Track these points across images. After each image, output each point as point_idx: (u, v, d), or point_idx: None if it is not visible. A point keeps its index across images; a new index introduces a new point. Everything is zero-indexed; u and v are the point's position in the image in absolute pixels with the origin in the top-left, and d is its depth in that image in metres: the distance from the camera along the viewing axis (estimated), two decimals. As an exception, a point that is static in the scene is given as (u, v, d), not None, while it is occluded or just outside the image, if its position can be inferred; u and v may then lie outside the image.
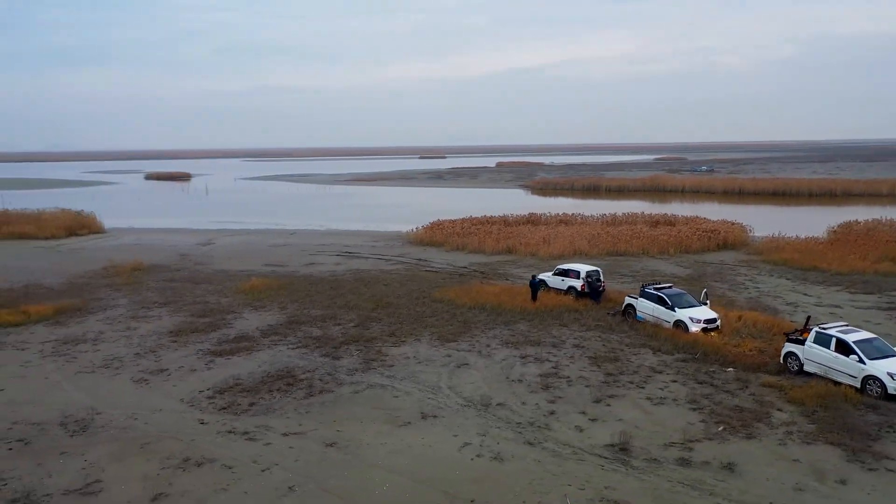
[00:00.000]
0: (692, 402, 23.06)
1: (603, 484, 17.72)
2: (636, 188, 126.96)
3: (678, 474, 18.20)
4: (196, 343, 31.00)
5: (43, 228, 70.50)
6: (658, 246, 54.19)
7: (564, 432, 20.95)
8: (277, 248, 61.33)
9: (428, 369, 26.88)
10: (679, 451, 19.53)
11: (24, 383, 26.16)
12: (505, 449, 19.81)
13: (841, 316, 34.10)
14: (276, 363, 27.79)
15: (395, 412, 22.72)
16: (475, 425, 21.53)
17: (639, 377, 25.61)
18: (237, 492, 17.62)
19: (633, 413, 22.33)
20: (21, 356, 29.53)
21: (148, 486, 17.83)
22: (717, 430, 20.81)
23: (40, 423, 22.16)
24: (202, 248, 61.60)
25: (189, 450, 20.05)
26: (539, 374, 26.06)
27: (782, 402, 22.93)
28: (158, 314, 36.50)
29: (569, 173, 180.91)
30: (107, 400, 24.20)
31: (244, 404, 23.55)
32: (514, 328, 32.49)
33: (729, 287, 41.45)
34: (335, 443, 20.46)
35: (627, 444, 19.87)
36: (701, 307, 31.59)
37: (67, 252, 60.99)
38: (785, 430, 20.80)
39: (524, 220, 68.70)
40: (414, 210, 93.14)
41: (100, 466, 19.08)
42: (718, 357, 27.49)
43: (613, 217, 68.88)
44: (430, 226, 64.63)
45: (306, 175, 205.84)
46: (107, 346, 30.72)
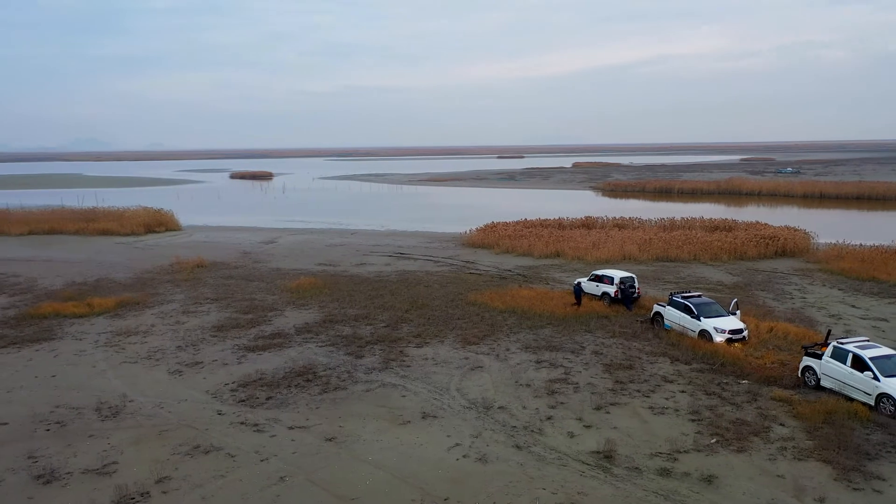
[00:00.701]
0: (693, 413, 23.04)
1: (577, 490, 18.17)
2: (710, 191, 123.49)
3: (655, 484, 18.42)
4: (235, 338, 32.94)
5: (125, 225, 75.34)
6: (710, 252, 53.06)
7: (555, 437, 21.42)
8: (334, 247, 63.46)
9: (442, 371, 27.76)
10: (663, 461, 19.69)
11: (74, 370, 28.63)
12: (492, 451, 20.48)
13: (884, 330, 32.91)
14: (301, 360, 29.30)
15: (399, 411, 23.72)
16: (471, 427, 22.27)
17: (647, 386, 25.68)
18: (233, 479, 19.04)
19: (629, 422, 22.53)
20: (77, 345, 32.20)
21: (155, 470, 19.48)
22: (710, 443, 20.81)
23: (78, 408, 24.35)
24: (264, 247, 64.45)
25: (201, 438, 21.69)
26: (548, 380, 26.51)
27: (787, 417, 22.60)
28: (207, 309, 38.82)
29: (645, 175, 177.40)
30: (141, 389, 26.24)
31: (262, 398, 25.10)
32: (538, 333, 32.93)
33: (774, 296, 40.37)
34: (334, 437, 21.65)
35: (612, 452, 20.17)
36: (728, 317, 31.14)
37: (142, 248, 65.06)
38: (780, 445, 20.59)
39: (579, 223, 68.41)
40: (477, 211, 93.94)
41: (119, 449, 20.93)
42: (736, 368, 27.19)
43: (671, 221, 67.63)
44: (484, 228, 65.32)
45: (382, 175, 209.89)
46: (154, 339, 33.06)
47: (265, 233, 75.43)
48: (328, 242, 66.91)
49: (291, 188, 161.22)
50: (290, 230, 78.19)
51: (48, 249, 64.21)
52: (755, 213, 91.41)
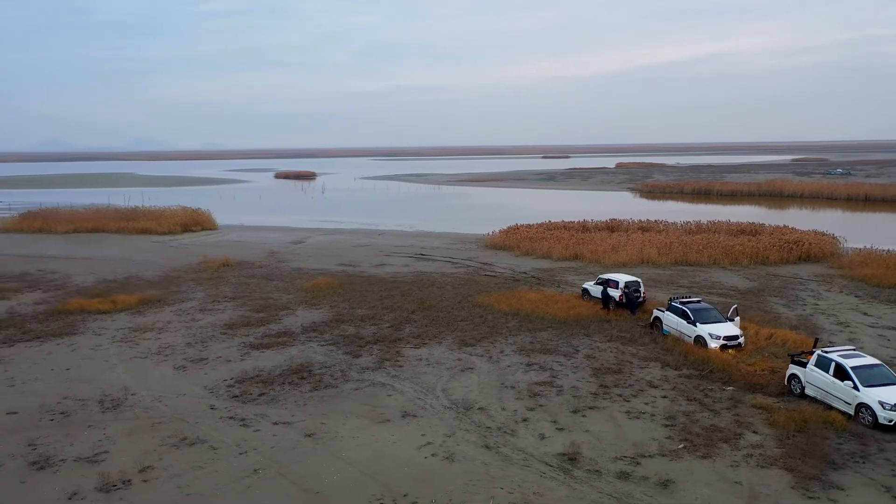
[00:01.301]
0: (669, 419, 23.27)
1: (533, 490, 18.70)
2: (750, 193, 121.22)
3: (611, 487, 18.83)
4: (243, 336, 34.26)
5: (162, 224, 78.11)
6: (731, 257, 52.51)
7: (526, 439, 21.95)
8: (359, 248, 64.71)
9: (433, 371, 28.49)
10: (625, 465, 20.05)
11: (88, 364, 30.28)
12: (461, 451, 21.14)
13: (889, 339, 32.39)
14: (300, 358, 30.39)
15: (381, 410, 24.55)
16: (447, 427, 22.95)
17: (631, 391, 25.95)
18: (210, 470, 20.13)
19: (603, 425, 22.90)
20: (95, 340, 33.96)
21: (141, 459, 20.72)
22: (676, 448, 21.06)
23: (84, 400, 25.86)
24: (292, 247, 66.13)
25: (189, 431, 22.89)
26: (534, 382, 26.99)
27: (762, 425, 22.66)
28: (223, 308, 40.33)
29: (688, 175, 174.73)
30: (145, 383, 27.66)
31: (255, 394, 26.22)
32: (537, 336, 33.37)
33: (785, 302, 39.91)
34: (314, 433, 22.59)
35: (577, 455, 20.61)
36: (724, 323, 31.09)
37: (176, 247, 67.45)
38: (747, 452, 20.72)
39: (603, 226, 68.22)
40: (510, 212, 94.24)
41: (113, 440, 22.26)
42: (724, 375, 27.26)
43: (697, 225, 66.91)
44: (507, 230, 65.80)
45: (423, 175, 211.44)
46: (167, 336, 34.61)
47: (296, 233, 77.26)
48: (355, 243, 68.23)
49: (331, 188, 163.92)
50: (320, 230, 79.90)
51: (88, 247, 67.14)
52: (792, 217, 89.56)
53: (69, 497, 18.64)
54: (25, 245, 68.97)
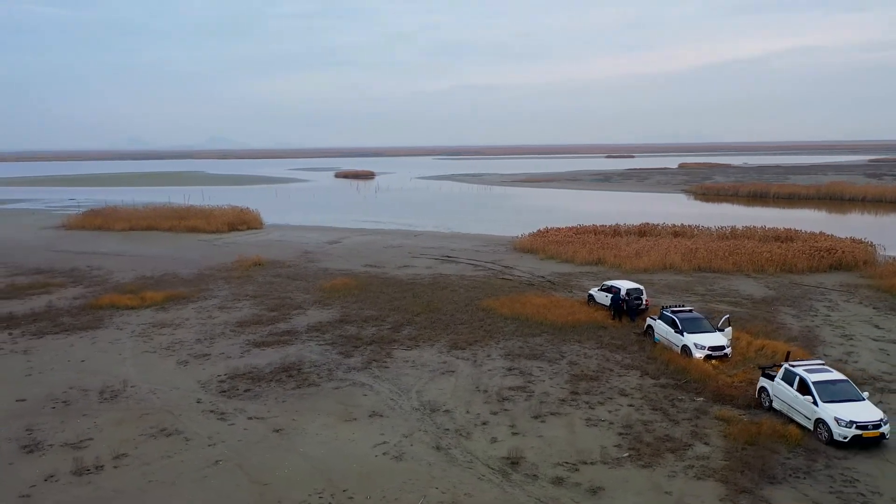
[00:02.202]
0: (626, 427, 23.63)
1: (465, 491, 19.54)
2: (808, 196, 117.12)
3: (542, 491, 19.48)
4: (250, 334, 36.08)
5: (211, 223, 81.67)
6: (757, 264, 51.52)
7: (478, 442, 22.75)
8: (391, 249, 66.21)
9: (414, 373, 29.53)
10: (564, 470, 20.64)
11: (102, 357, 32.62)
12: (412, 450, 22.13)
13: (889, 353, 31.57)
14: (294, 357, 31.92)
15: (353, 409, 25.76)
16: (408, 427, 23.97)
17: (600, 398, 26.37)
18: (177, 460, 21.75)
19: (558, 431, 23.47)
20: (115, 334, 36.41)
21: (118, 447, 22.53)
22: (621, 456, 21.48)
23: (87, 390, 28.04)
24: (326, 247, 68.22)
25: (170, 422, 24.64)
26: (507, 387, 27.70)
27: (717, 436, 22.80)
28: (241, 306, 42.38)
29: (750, 177, 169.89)
30: (146, 376, 29.70)
31: (241, 389, 27.85)
32: (529, 340, 33.96)
33: (796, 313, 39.15)
34: (282, 429, 23.98)
35: (520, 459, 21.31)
36: (712, 334, 31.00)
37: (220, 246, 70.53)
38: (690, 463, 20.97)
39: (636, 230, 67.65)
40: (554, 214, 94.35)
41: (100, 428, 24.21)
42: (699, 385, 27.33)
43: (732, 230, 65.59)
44: (537, 233, 66.16)
45: (479, 175, 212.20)
46: (181, 332, 36.77)
47: (335, 233, 79.45)
48: (388, 244, 69.78)
49: (386, 188, 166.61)
50: (359, 230, 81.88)
51: (138, 245, 70.98)
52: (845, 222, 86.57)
53: (45, 479, 20.55)
54: (84, 242, 73.42)
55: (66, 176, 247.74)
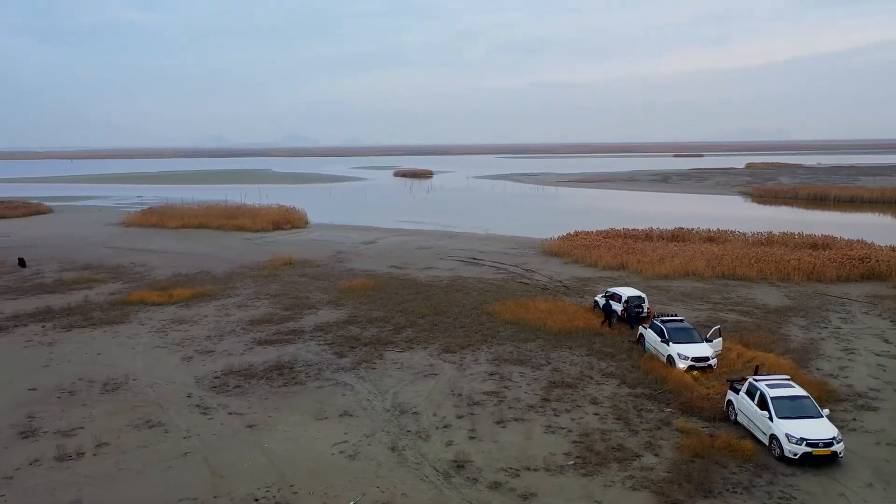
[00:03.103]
0: (582, 436, 24.03)
1: (403, 491, 20.45)
2: (872, 199, 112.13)
3: (477, 494, 20.20)
4: (258, 332, 37.83)
5: (257, 222, 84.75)
6: (783, 272, 50.29)
7: (434, 444, 23.59)
8: (422, 250, 67.35)
9: (398, 375, 30.55)
10: (505, 475, 21.27)
11: (116, 350, 34.93)
12: (367, 450, 23.16)
13: (886, 369, 30.68)
14: (290, 356, 33.41)
15: (327, 408, 26.97)
16: (372, 428, 25.00)
17: (569, 405, 26.77)
18: (151, 450, 23.43)
19: (514, 437, 24.07)
20: (136, 329, 38.80)
21: (102, 436, 24.39)
22: (566, 464, 21.94)
23: (93, 381, 30.21)
24: (360, 247, 69.96)
25: (157, 414, 26.43)
26: (482, 391, 28.39)
27: (670, 448, 22.95)
28: (259, 305, 44.30)
29: (814, 179, 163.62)
30: (149, 370, 31.73)
31: (230, 386, 29.48)
32: (521, 346, 34.48)
33: (806, 324, 38.25)
34: (255, 425, 25.40)
35: (466, 463, 22.05)
36: (698, 344, 30.84)
37: (260, 244, 73.24)
38: (632, 473, 21.27)
39: (668, 234, 66.72)
40: (598, 216, 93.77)
41: (93, 418, 26.19)
42: (674, 396, 27.37)
43: (768, 236, 63.89)
44: (566, 236, 66.16)
45: (535, 174, 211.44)
46: (196, 329, 38.86)
47: (374, 233, 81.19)
48: (421, 245, 70.97)
49: (439, 187, 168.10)
50: (397, 231, 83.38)
51: (185, 243, 74.44)
52: None
53: (30, 463, 22.54)
54: (137, 239, 77.53)
55: (143, 173, 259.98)
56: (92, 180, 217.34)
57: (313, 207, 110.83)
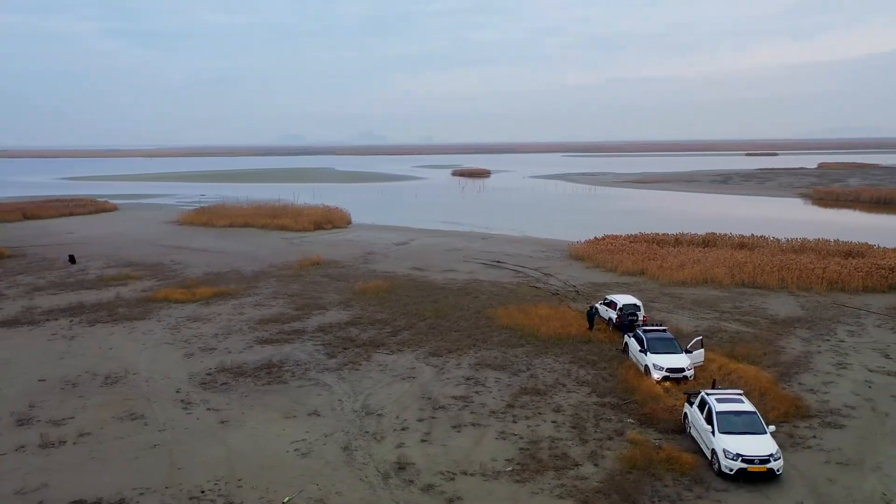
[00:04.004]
0: (531, 443, 24.52)
1: (338, 490, 21.50)
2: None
3: (408, 496, 21.06)
4: (263, 331, 39.55)
5: (298, 222, 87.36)
6: (805, 281, 48.90)
7: (385, 446, 24.53)
8: (450, 252, 68.21)
9: (377, 377, 31.61)
10: (441, 479, 22.04)
11: (128, 346, 37.26)
12: (320, 449, 24.31)
13: (872, 386, 29.86)
14: (283, 355, 34.93)
15: (300, 407, 28.28)
16: (333, 428, 26.15)
17: (531, 412, 27.26)
18: (126, 441, 25.21)
19: (464, 442, 24.77)
20: (152, 326, 41.17)
21: (87, 426, 26.38)
22: (504, 470, 22.54)
23: (97, 375, 32.46)
24: (392, 247, 71.39)
25: (142, 408, 28.31)
26: (452, 396, 29.16)
27: (612, 459, 23.20)
28: (273, 304, 46.16)
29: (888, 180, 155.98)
30: (150, 365, 33.79)
31: (218, 383, 31.16)
32: (508, 352, 35.02)
33: (808, 336, 37.31)
34: (227, 421, 26.92)
35: (407, 465, 22.93)
36: (676, 355, 30.74)
37: (297, 244, 75.58)
38: (564, 482, 21.69)
39: (699, 239, 65.46)
40: (641, 218, 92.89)
41: (85, 409, 28.28)
42: (638, 407, 27.49)
43: (802, 242, 61.91)
44: (593, 240, 65.90)
45: (593, 174, 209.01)
46: (207, 326, 40.93)
47: (410, 233, 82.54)
48: (452, 246, 71.84)
49: (493, 188, 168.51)
50: (434, 232, 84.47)
51: (226, 241, 77.55)
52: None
53: (16, 449, 24.66)
54: (184, 237, 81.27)
55: (212, 172, 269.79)
56: (164, 178, 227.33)
57: (362, 207, 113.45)
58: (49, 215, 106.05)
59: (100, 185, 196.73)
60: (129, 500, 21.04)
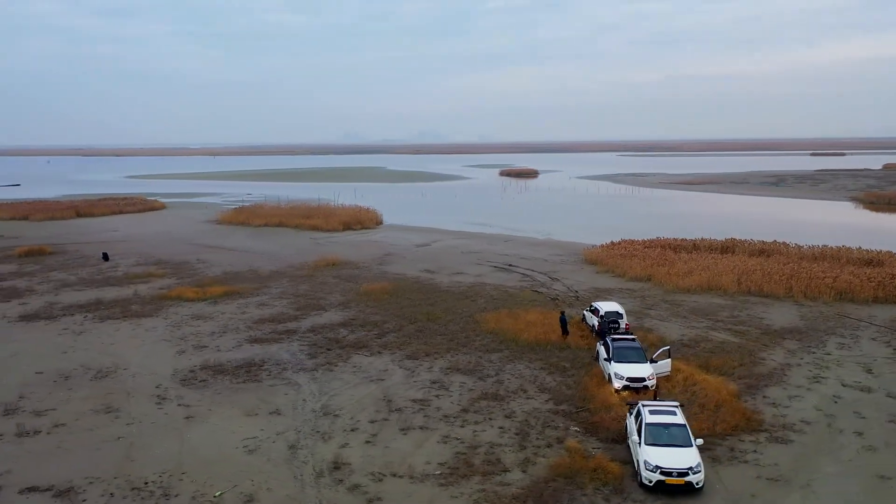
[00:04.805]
0: (470, 448, 25.11)
1: (269, 486, 22.58)
2: None
3: (332, 494, 21.99)
4: (257, 331, 41.12)
5: (329, 222, 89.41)
6: (814, 290, 47.71)
7: (329, 446, 25.50)
8: (467, 254, 68.81)
9: (347, 378, 32.66)
10: (369, 479, 22.86)
11: (128, 342, 39.33)
12: (268, 447, 25.45)
13: (839, 401, 29.24)
14: (266, 354, 36.34)
15: (264, 405, 29.53)
16: (287, 426, 27.27)
17: (482, 418, 27.83)
18: (95, 433, 26.91)
19: (406, 444, 25.53)
20: (157, 323, 43.26)
21: (63, 418, 28.24)
22: (433, 473, 23.24)
23: (90, 369, 34.48)
24: (411, 250, 72.45)
25: (120, 402, 30.07)
26: (412, 399, 29.96)
27: (543, 467, 23.60)
28: (277, 304, 47.78)
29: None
30: (142, 361, 35.66)
31: (197, 380, 32.73)
32: (484, 356, 35.57)
33: (796, 347, 36.60)
34: (192, 417, 28.39)
35: (342, 465, 23.86)
36: (637, 364, 30.74)
37: (323, 244, 77.49)
38: (487, 487, 22.24)
39: (718, 245, 64.31)
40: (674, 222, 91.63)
41: (69, 401, 30.20)
42: (590, 415, 27.76)
43: (822, 250, 60.12)
44: (608, 245, 65.55)
45: (641, 175, 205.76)
46: (207, 325, 42.75)
47: (435, 235, 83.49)
48: (470, 249, 72.42)
49: (535, 188, 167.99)
50: (459, 234, 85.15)
51: (255, 240, 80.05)
52: None
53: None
54: (219, 236, 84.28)
55: (266, 171, 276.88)
56: (220, 177, 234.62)
57: (400, 207, 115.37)
58: (100, 213, 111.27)
59: (159, 183, 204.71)
60: (78, 489, 22.60)
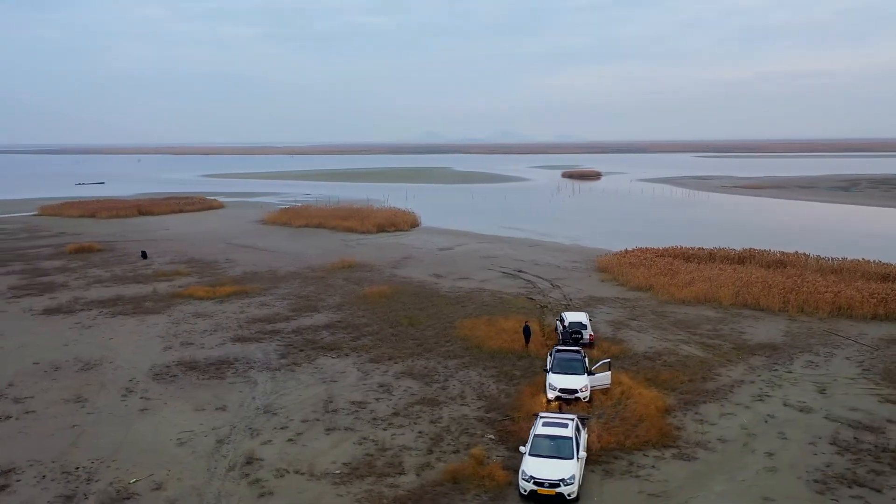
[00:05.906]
0: (380, 450, 26.43)
1: (180, 476, 24.58)
2: None
3: (232, 486, 23.80)
4: (245, 330, 43.55)
5: (364, 224, 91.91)
6: (811, 304, 46.45)
7: (253, 442, 27.30)
8: (485, 259, 69.66)
9: (305, 379, 34.50)
10: (271, 475, 24.54)
11: (128, 337, 42.46)
12: (200, 441, 27.51)
13: (768, 422, 28.95)
14: (241, 352, 38.65)
15: (215, 401, 31.69)
16: (227, 422, 29.31)
17: (409, 422, 29.10)
18: (58, 420, 29.66)
19: (322, 444, 27.07)
20: (161, 319, 46.39)
21: (35, 405, 31.21)
22: (332, 472, 24.73)
23: (80, 361, 37.60)
24: (432, 253, 73.90)
25: (91, 392, 32.90)
26: (352, 401, 31.51)
27: (441, 472, 24.65)
28: (276, 305, 50.24)
29: None
30: (128, 356, 38.57)
31: (169, 375, 35.28)
32: (443, 362, 36.75)
33: (761, 364, 36.04)
34: (147, 409, 30.84)
35: (255, 460, 25.65)
36: (572, 376, 31.25)
37: (352, 246, 79.92)
38: (375, 489, 23.52)
39: (735, 255, 62.87)
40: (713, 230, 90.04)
41: (49, 390, 33.24)
42: (510, 423, 28.62)
43: (839, 262, 57.93)
44: (621, 252, 65.22)
45: (705, 178, 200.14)
46: (204, 323, 45.54)
47: (462, 238, 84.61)
48: (490, 253, 73.24)
49: (589, 190, 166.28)
50: (485, 237, 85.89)
51: (288, 241, 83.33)
52: None
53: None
54: (257, 236, 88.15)
55: (333, 171, 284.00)
56: (289, 177, 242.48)
57: (444, 209, 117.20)
58: (161, 212, 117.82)
59: (228, 182, 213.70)
60: (18, 470, 25.26)
